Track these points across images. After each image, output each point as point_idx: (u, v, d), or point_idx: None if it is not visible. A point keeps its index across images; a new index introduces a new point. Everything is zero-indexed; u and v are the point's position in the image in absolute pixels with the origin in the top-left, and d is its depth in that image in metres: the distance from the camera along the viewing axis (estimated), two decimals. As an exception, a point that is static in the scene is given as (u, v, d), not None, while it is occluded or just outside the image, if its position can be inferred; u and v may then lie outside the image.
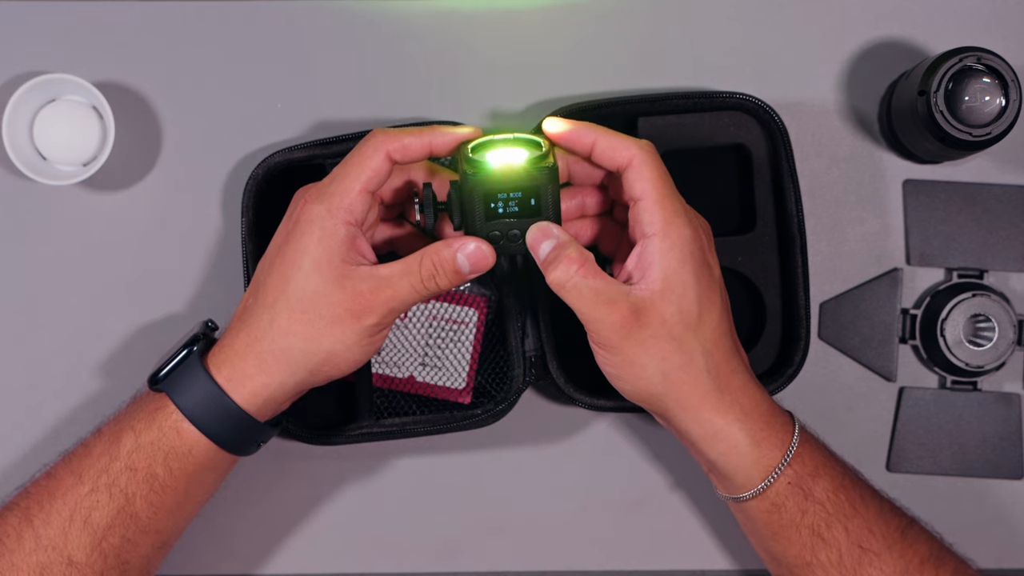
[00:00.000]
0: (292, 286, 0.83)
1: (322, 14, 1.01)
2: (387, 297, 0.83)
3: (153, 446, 0.84)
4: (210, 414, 0.84)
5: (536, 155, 0.85)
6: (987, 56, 0.92)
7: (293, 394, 0.86)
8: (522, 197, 0.84)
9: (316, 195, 0.85)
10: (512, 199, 0.84)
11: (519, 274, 0.96)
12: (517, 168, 0.84)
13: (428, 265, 0.83)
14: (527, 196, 0.84)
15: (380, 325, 0.84)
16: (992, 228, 1.01)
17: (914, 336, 1.01)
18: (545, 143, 0.86)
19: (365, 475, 1.01)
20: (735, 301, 0.90)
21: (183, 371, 0.85)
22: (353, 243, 0.84)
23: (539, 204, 0.84)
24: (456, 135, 0.86)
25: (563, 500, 1.02)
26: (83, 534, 0.84)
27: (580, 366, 0.94)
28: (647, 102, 0.96)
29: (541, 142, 0.86)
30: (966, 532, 0.95)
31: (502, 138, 0.86)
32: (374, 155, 0.84)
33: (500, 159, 0.84)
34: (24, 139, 0.98)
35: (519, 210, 0.84)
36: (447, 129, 0.87)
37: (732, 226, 1.00)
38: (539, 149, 0.85)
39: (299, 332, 0.83)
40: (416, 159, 0.86)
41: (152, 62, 1.01)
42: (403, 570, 1.01)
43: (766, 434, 0.84)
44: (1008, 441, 1.01)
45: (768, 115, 0.95)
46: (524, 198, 0.84)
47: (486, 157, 0.85)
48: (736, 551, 1.01)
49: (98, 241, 1.01)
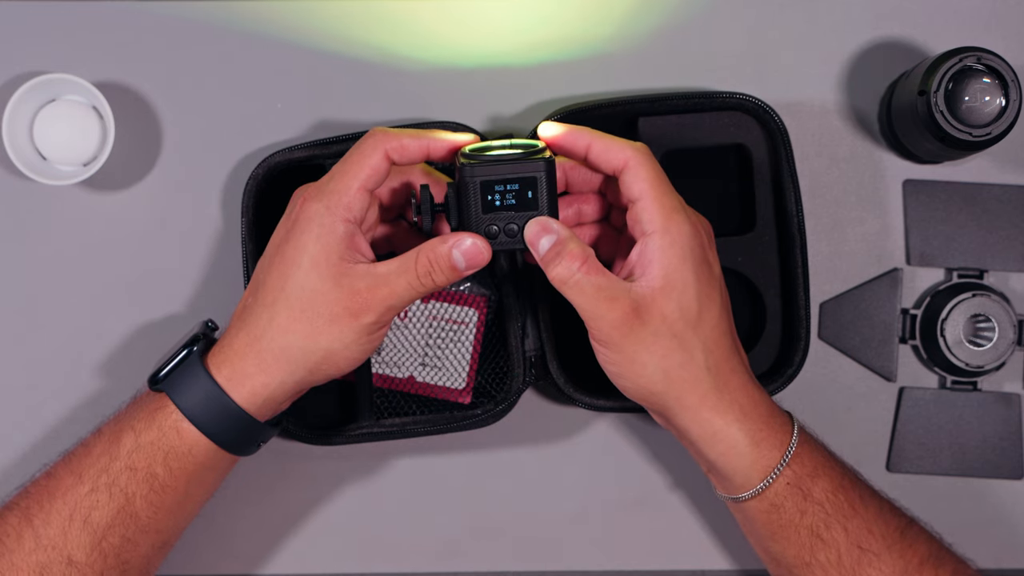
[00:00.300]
0: (291, 284, 0.83)
1: (322, 14, 1.01)
2: (384, 295, 0.83)
3: (153, 446, 0.84)
4: (210, 414, 0.84)
5: (534, 147, 0.85)
6: (987, 56, 0.92)
7: (293, 393, 0.86)
8: (519, 189, 0.84)
9: (315, 193, 0.85)
10: (509, 191, 0.84)
11: (519, 274, 0.96)
12: (514, 159, 0.84)
13: (424, 262, 0.83)
14: (524, 188, 0.84)
15: (378, 323, 0.84)
16: (992, 228, 1.01)
17: (914, 336, 1.01)
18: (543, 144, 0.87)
19: (365, 475, 1.01)
20: (735, 301, 0.90)
21: (183, 371, 0.85)
22: (352, 241, 0.84)
23: (536, 197, 0.84)
24: (454, 140, 0.87)
25: (563, 500, 1.02)
26: (83, 534, 0.84)
27: (580, 366, 0.95)
28: (647, 102, 0.96)
29: (538, 145, 0.87)
30: (966, 532, 0.94)
31: (499, 144, 0.87)
32: (372, 153, 0.84)
33: (497, 151, 0.85)
34: (24, 139, 0.98)
35: (516, 203, 0.84)
36: (445, 134, 0.87)
37: (732, 226, 1.00)
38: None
39: (298, 331, 0.83)
40: (413, 161, 0.86)
41: (152, 62, 1.01)
42: (403, 570, 1.01)
43: (765, 434, 0.84)
44: (1008, 441, 1.01)
45: (768, 115, 0.95)
46: (521, 190, 0.84)
47: (484, 150, 0.86)
48: (736, 551, 1.01)
49: (98, 241, 1.01)
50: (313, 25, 1.01)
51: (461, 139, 0.87)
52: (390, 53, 1.01)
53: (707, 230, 0.87)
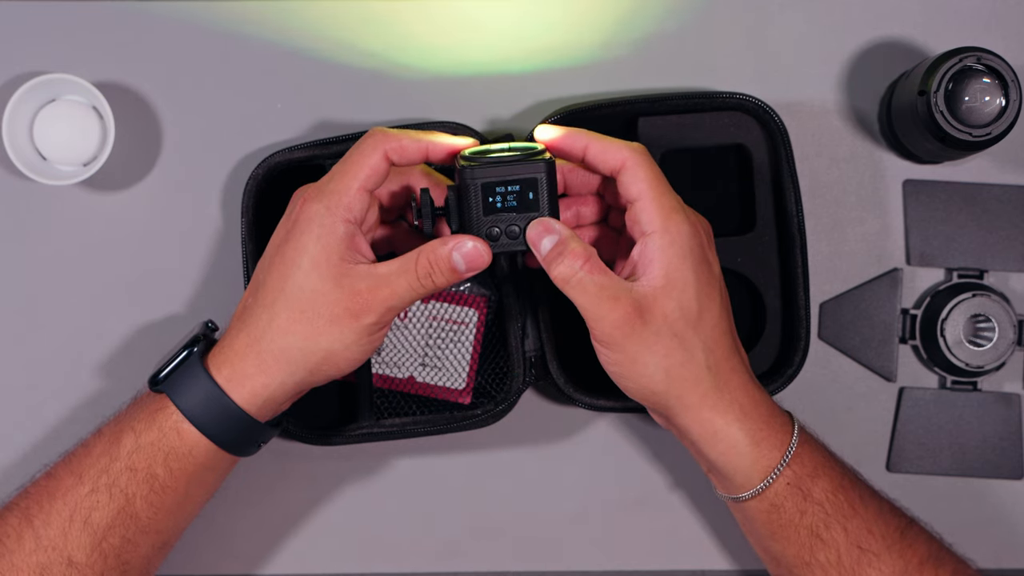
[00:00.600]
0: (291, 285, 0.83)
1: (322, 14, 1.01)
2: (385, 295, 0.83)
3: (153, 447, 0.84)
4: (210, 414, 0.84)
5: (533, 150, 0.85)
6: (987, 56, 0.92)
7: (293, 394, 0.86)
8: (520, 191, 0.84)
9: (315, 193, 0.85)
10: (510, 192, 0.84)
11: (519, 274, 0.96)
12: (514, 161, 0.84)
13: (424, 263, 0.83)
14: (525, 189, 0.84)
15: (378, 324, 0.84)
16: (992, 228, 1.01)
17: (914, 336, 1.01)
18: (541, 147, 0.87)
19: (365, 475, 1.01)
20: (735, 301, 0.90)
21: (183, 372, 0.85)
22: (352, 241, 0.84)
23: (537, 198, 0.84)
24: (453, 143, 0.87)
25: (563, 500, 1.02)
26: (83, 534, 0.84)
27: (580, 366, 0.95)
28: (647, 102, 0.96)
29: (537, 147, 0.87)
30: (966, 532, 0.94)
31: (498, 146, 0.87)
32: (372, 153, 0.84)
33: (497, 154, 0.85)
34: (24, 139, 0.98)
35: (517, 204, 0.84)
36: (444, 136, 0.87)
37: (732, 226, 1.00)
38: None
39: (298, 331, 0.83)
40: (413, 162, 0.86)
41: (152, 62, 1.01)
42: (403, 570, 1.01)
43: (765, 434, 0.84)
44: (1008, 441, 1.01)
45: (768, 115, 0.95)
46: (522, 192, 0.84)
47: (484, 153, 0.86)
48: (736, 551, 1.01)
49: (98, 241, 1.01)
50: (313, 25, 1.01)
51: (460, 142, 0.88)
52: (390, 54, 1.01)
53: (706, 230, 0.87)
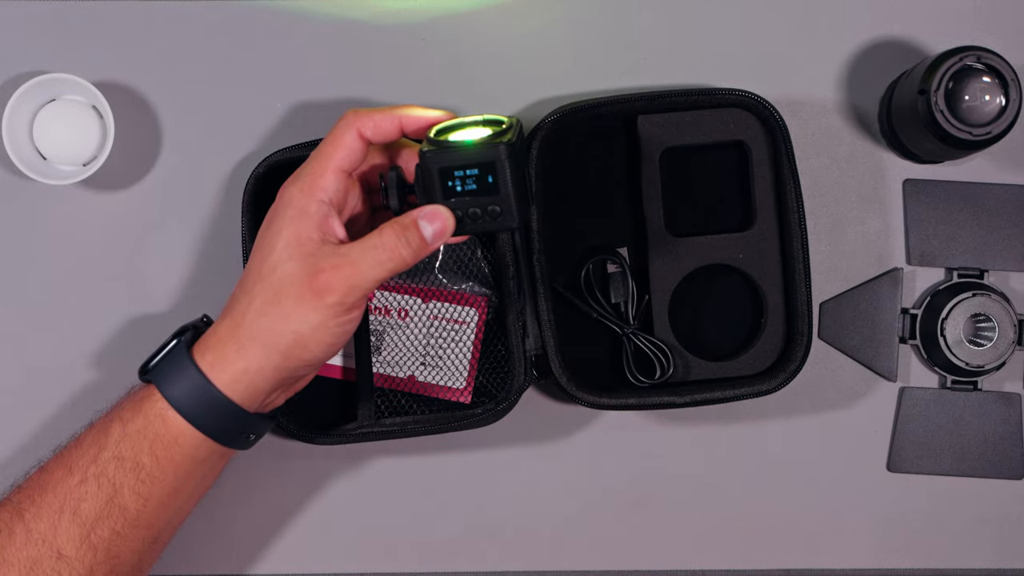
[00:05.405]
0: (266, 267, 0.84)
1: (322, 14, 1.01)
2: (347, 273, 0.82)
3: (139, 434, 0.84)
4: (192, 401, 0.84)
5: (495, 132, 0.85)
6: (987, 55, 0.92)
7: (274, 381, 0.85)
8: (479, 174, 0.83)
9: (292, 178, 0.86)
10: (469, 176, 0.83)
11: (519, 273, 0.96)
12: (472, 144, 0.83)
13: (389, 235, 0.83)
14: (484, 173, 0.83)
15: (343, 304, 0.83)
16: (992, 228, 1.01)
17: (914, 336, 1.01)
18: (510, 121, 0.86)
19: (365, 474, 1.01)
20: (736, 298, 0.90)
21: (169, 359, 0.85)
22: (324, 221, 0.84)
23: (496, 182, 0.83)
24: (427, 116, 0.87)
25: (563, 500, 1.02)
26: (72, 526, 0.84)
27: (582, 364, 0.94)
28: (646, 100, 0.96)
29: (506, 120, 0.86)
30: (966, 532, 0.94)
31: (470, 120, 0.87)
32: (344, 133, 0.85)
33: (458, 137, 0.85)
34: (24, 139, 0.98)
35: (477, 187, 0.83)
36: (418, 109, 0.87)
37: (733, 223, 0.99)
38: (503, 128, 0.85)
39: (271, 312, 0.83)
40: (388, 138, 0.86)
41: (152, 62, 1.01)
42: (403, 570, 1.01)
43: None
44: (1008, 441, 1.01)
45: (768, 111, 0.95)
46: (481, 175, 0.83)
47: (445, 135, 0.85)
48: (736, 551, 1.01)
49: (98, 240, 1.00)
50: (313, 25, 1.01)
51: (433, 115, 0.87)
52: (390, 54, 1.01)
53: None
